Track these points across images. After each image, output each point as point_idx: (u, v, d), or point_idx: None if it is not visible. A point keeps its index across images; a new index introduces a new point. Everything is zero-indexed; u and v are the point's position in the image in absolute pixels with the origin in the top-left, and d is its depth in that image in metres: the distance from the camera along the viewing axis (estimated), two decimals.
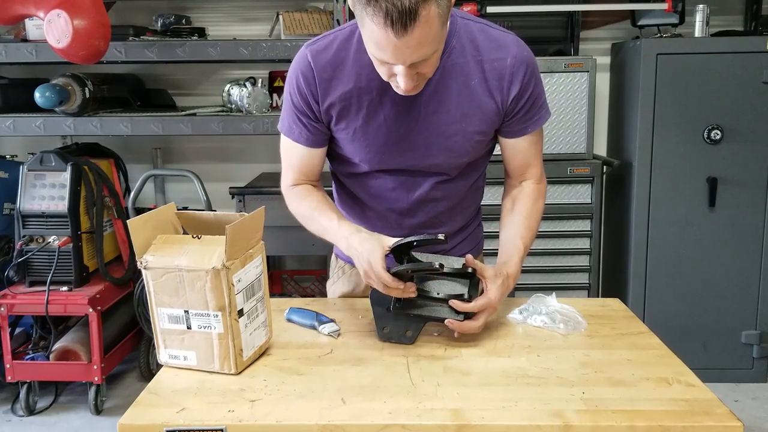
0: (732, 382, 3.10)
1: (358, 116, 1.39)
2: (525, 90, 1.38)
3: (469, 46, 1.36)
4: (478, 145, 1.44)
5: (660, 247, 3.04)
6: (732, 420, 1.05)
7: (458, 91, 1.37)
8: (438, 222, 1.53)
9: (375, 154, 1.42)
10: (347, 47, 1.36)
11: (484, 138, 1.44)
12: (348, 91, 1.37)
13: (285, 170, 1.54)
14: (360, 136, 1.41)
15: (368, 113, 1.38)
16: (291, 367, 1.25)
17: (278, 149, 1.55)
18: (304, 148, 1.47)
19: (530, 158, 1.50)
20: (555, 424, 1.04)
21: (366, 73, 1.34)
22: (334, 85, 1.37)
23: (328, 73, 1.36)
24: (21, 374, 2.80)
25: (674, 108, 2.93)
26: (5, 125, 2.95)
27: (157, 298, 1.22)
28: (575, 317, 1.42)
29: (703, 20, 2.97)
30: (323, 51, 1.37)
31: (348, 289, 1.67)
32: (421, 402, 1.11)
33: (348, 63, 1.36)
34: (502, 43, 1.37)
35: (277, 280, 3.56)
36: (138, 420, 1.08)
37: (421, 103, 1.37)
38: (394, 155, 1.42)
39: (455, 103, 1.37)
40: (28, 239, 2.77)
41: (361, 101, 1.37)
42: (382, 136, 1.40)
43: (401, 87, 1.25)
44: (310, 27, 3.01)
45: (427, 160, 1.43)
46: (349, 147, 1.44)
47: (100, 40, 2.59)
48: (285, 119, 1.47)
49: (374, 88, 1.36)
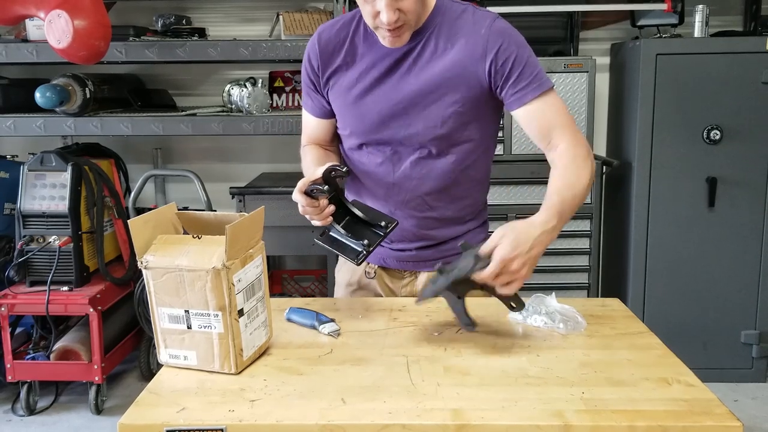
0: (732, 381, 3.10)
1: (348, 87, 1.53)
2: (502, 56, 1.44)
3: (449, 25, 1.48)
4: (455, 116, 1.49)
5: (660, 247, 3.04)
6: (731, 420, 1.05)
7: (435, 64, 1.47)
8: (424, 205, 1.58)
9: (363, 124, 1.54)
10: (348, 28, 1.53)
11: (459, 108, 1.48)
12: (343, 64, 1.53)
13: (302, 135, 1.70)
14: (351, 107, 1.54)
15: (357, 83, 1.52)
16: (291, 367, 1.25)
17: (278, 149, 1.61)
18: (313, 117, 1.64)
19: (547, 125, 1.46)
20: (555, 424, 1.04)
21: (358, 48, 1.52)
22: (333, 59, 1.54)
23: (329, 48, 1.54)
24: (21, 374, 2.80)
25: (674, 108, 2.94)
26: (6, 125, 2.95)
27: (157, 298, 1.22)
28: (575, 317, 1.43)
29: (702, 20, 2.97)
30: (328, 29, 1.56)
31: (347, 278, 1.73)
32: (421, 402, 1.11)
33: (346, 41, 1.53)
34: (477, 18, 1.48)
35: (277, 280, 3.56)
36: (138, 420, 1.08)
37: (402, 74, 1.49)
38: (379, 126, 1.53)
39: (432, 75, 1.47)
40: (28, 239, 2.78)
41: (352, 73, 1.52)
42: (367, 105, 1.52)
43: (384, 19, 1.35)
44: (310, 27, 3.01)
45: (407, 129, 1.51)
46: (342, 117, 1.58)
47: (101, 40, 2.60)
48: (303, 93, 1.65)
49: (364, 61, 1.51)
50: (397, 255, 1.65)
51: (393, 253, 1.65)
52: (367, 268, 1.68)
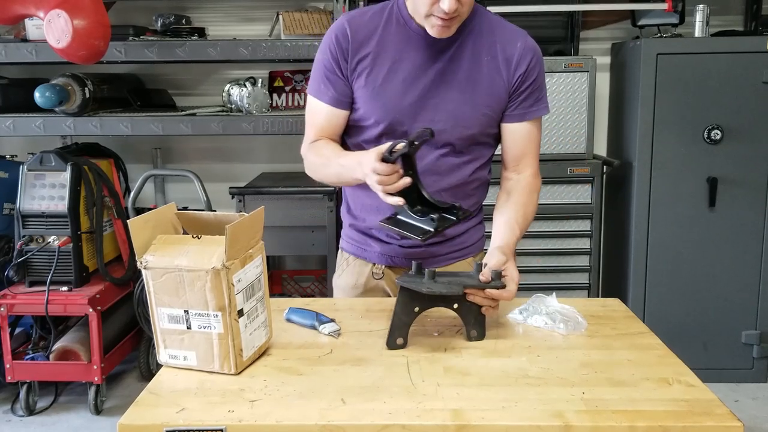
0: (732, 382, 3.10)
1: (378, 75, 1.51)
2: (530, 73, 1.53)
3: (486, 29, 1.52)
4: (485, 120, 1.54)
5: (660, 247, 3.04)
6: (732, 420, 1.05)
7: (471, 65, 1.51)
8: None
9: (390, 113, 1.52)
10: (380, 17, 1.54)
11: (490, 113, 1.54)
12: (374, 52, 1.51)
13: (307, 130, 1.62)
14: (378, 94, 1.52)
15: (388, 73, 1.51)
16: (291, 367, 1.25)
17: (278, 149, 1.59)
18: (328, 107, 1.56)
19: (527, 148, 1.58)
20: (555, 425, 1.04)
21: (391, 38, 1.51)
22: (364, 46, 1.52)
23: (360, 35, 1.52)
24: (21, 374, 2.80)
25: (674, 108, 2.93)
26: (5, 125, 2.95)
27: (157, 298, 1.22)
28: (575, 317, 1.42)
29: (703, 20, 2.97)
30: (359, 17, 1.55)
31: (352, 281, 1.70)
32: (421, 402, 1.11)
33: (378, 30, 1.52)
34: (514, 31, 1.55)
35: (277, 280, 3.56)
36: (138, 420, 1.08)
37: (436, 70, 1.50)
38: (406, 117, 1.52)
39: (467, 76, 1.51)
40: (28, 239, 2.77)
41: (384, 62, 1.51)
42: (398, 96, 1.51)
43: (445, 8, 1.36)
44: (310, 27, 3.01)
45: (436, 125, 1.49)
46: (367, 106, 1.54)
47: (100, 40, 2.59)
48: (314, 81, 1.58)
49: (396, 52, 1.51)
50: (406, 252, 1.64)
51: (402, 250, 1.64)
52: (374, 269, 1.68)
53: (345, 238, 1.75)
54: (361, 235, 1.69)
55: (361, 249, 1.69)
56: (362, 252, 1.69)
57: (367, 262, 1.69)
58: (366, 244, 1.68)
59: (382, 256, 1.66)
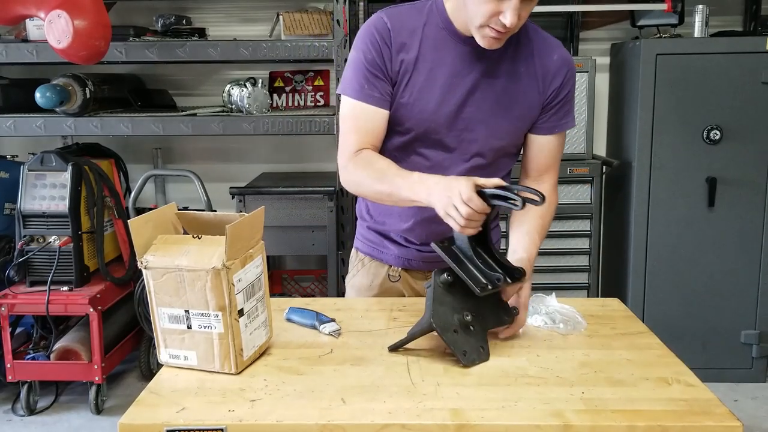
0: (731, 381, 3.10)
1: (417, 80, 1.45)
2: (563, 87, 1.51)
3: (524, 38, 1.48)
4: (517, 131, 1.52)
5: (660, 247, 3.04)
6: (731, 420, 1.05)
7: (508, 76, 1.47)
8: None
9: (425, 121, 1.46)
10: (418, 18, 1.46)
11: (522, 125, 1.52)
12: (414, 57, 1.44)
13: (348, 138, 1.47)
14: (416, 100, 1.45)
15: (427, 79, 1.45)
16: (291, 367, 1.25)
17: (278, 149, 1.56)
18: (373, 108, 1.45)
19: (552, 160, 1.56)
20: (555, 424, 1.04)
21: (430, 42, 1.44)
22: (405, 46, 1.44)
23: (402, 34, 1.44)
24: (21, 374, 2.80)
25: (674, 108, 2.94)
26: (6, 125, 2.95)
27: (157, 298, 1.22)
28: (575, 317, 1.43)
29: (702, 20, 2.97)
30: (395, 15, 1.46)
31: (367, 281, 1.69)
32: (421, 402, 1.11)
33: (418, 32, 1.45)
34: (552, 42, 1.52)
35: (277, 280, 3.56)
36: (138, 420, 1.08)
37: (474, 78, 1.45)
38: (441, 126, 1.47)
39: (504, 86, 1.47)
40: (28, 239, 2.78)
41: (423, 66, 1.44)
42: (435, 105, 1.45)
43: (506, 22, 1.31)
44: (310, 27, 3.01)
45: (469, 134, 1.48)
46: (403, 111, 1.47)
47: (101, 40, 2.60)
48: (353, 81, 1.46)
49: (436, 56, 1.44)
50: (424, 256, 1.61)
51: (420, 254, 1.62)
52: (391, 271, 1.65)
53: (360, 238, 1.72)
54: (378, 237, 1.66)
55: (377, 251, 1.67)
56: (379, 254, 1.67)
57: (384, 264, 1.67)
58: (383, 246, 1.66)
59: (399, 259, 1.64)
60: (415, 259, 1.63)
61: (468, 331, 1.28)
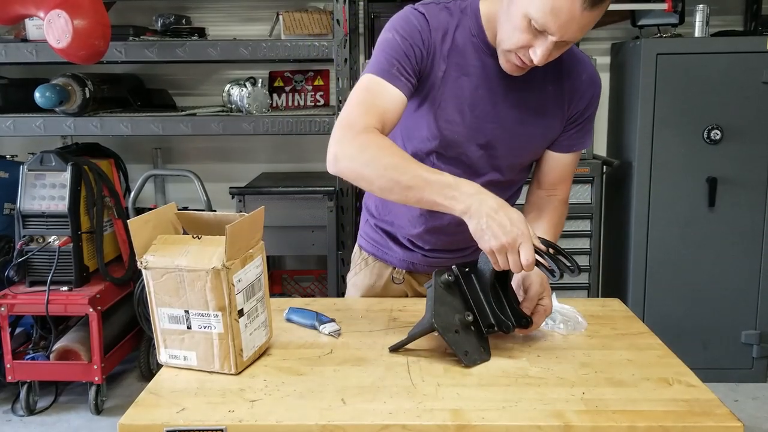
0: (732, 382, 3.10)
1: (444, 86, 1.38)
2: (587, 109, 1.47)
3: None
4: (537, 150, 1.50)
5: (660, 247, 3.04)
6: (732, 420, 1.05)
7: (535, 93, 1.42)
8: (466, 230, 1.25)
9: (446, 132, 1.40)
10: (450, 21, 1.37)
11: (543, 143, 1.49)
12: (446, 57, 1.36)
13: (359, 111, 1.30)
14: (441, 108, 1.39)
15: (454, 87, 1.38)
16: (291, 367, 1.25)
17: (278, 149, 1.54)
18: (395, 90, 1.31)
19: (566, 176, 1.55)
20: (555, 425, 1.04)
21: (460, 46, 1.37)
22: (438, 45, 1.36)
23: (437, 33, 1.36)
24: (21, 374, 2.80)
25: (674, 108, 2.94)
26: (5, 125, 2.95)
27: (157, 298, 1.22)
28: (575, 317, 1.43)
29: (703, 20, 2.97)
30: (433, 10, 1.37)
31: (370, 281, 1.67)
32: (421, 402, 1.11)
33: (449, 33, 1.37)
34: (581, 59, 1.46)
35: (277, 280, 3.56)
36: (138, 420, 1.08)
37: (501, 93, 1.40)
38: (463, 138, 1.41)
39: (529, 104, 1.42)
40: (28, 239, 2.78)
41: (452, 72, 1.37)
42: (459, 115, 1.39)
43: (535, 59, 1.26)
44: (310, 27, 3.01)
45: (489, 150, 1.44)
46: (424, 119, 1.40)
47: (100, 40, 2.59)
48: (381, 62, 1.32)
49: (464, 63, 1.37)
50: (430, 261, 1.60)
51: (426, 259, 1.60)
52: (395, 273, 1.64)
53: (365, 236, 1.68)
54: (383, 238, 1.63)
55: (382, 251, 1.64)
56: (383, 254, 1.64)
57: (388, 265, 1.65)
58: (388, 248, 1.63)
59: (404, 262, 1.62)
60: (421, 263, 1.61)
61: (469, 331, 1.28)
